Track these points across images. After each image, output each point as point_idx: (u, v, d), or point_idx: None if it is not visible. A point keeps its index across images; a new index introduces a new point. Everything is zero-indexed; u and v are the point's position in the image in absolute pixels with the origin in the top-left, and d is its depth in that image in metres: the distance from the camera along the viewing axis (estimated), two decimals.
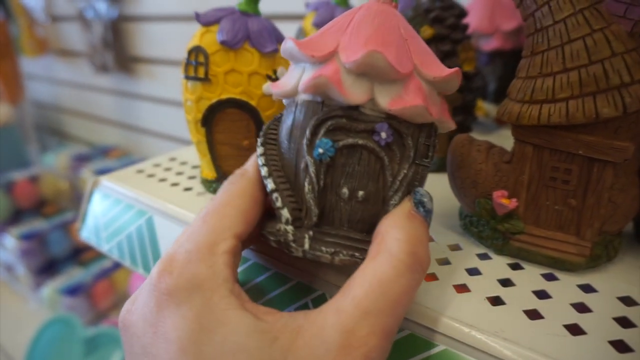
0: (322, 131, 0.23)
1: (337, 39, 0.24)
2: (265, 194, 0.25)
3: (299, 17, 0.88)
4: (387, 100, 0.23)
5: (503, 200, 0.27)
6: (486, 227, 0.28)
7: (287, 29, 0.43)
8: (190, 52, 0.35)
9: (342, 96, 0.22)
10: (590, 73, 0.22)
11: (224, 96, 0.35)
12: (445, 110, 0.26)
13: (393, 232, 0.20)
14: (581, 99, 0.23)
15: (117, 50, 1.28)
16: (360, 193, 0.23)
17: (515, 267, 0.27)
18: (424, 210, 0.22)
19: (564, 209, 0.26)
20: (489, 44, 0.55)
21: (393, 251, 0.19)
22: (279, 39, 0.36)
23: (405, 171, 0.23)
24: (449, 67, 0.38)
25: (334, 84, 0.22)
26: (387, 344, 0.18)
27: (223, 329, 0.18)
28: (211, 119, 0.36)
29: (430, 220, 0.23)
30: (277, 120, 0.28)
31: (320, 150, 0.23)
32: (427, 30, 0.37)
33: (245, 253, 0.32)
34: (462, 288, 0.25)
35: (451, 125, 0.25)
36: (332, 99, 0.23)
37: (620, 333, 0.21)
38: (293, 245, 0.23)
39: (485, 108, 0.53)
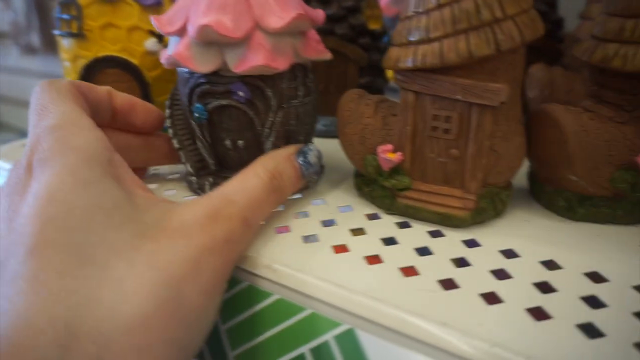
0: (195, 97, 0.26)
1: (188, 8, 0.26)
2: None
3: None
4: (233, 63, 0.25)
5: (388, 155, 0.25)
6: (375, 186, 0.26)
7: None
8: (62, 5, 0.32)
9: (194, 69, 0.25)
10: (463, 8, 0.21)
11: (102, 54, 0.32)
12: (311, 46, 0.28)
13: (265, 161, 0.23)
14: (454, 37, 0.21)
15: (43, 29, 1.20)
16: (240, 142, 0.27)
17: (403, 225, 0.25)
18: (304, 161, 0.25)
19: (447, 160, 0.24)
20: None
21: (258, 173, 0.22)
22: None
23: (271, 119, 0.27)
24: (352, 24, 0.36)
25: (183, 61, 0.25)
26: (248, 235, 0.21)
27: (100, 187, 0.18)
28: (90, 80, 0.32)
29: (307, 172, 0.25)
30: None
31: (197, 115, 0.27)
32: None
33: None
34: (341, 248, 0.23)
35: (325, 56, 0.29)
36: None
37: (495, 285, 0.20)
38: (198, 191, 0.28)
39: None
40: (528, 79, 0.34)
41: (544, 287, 0.20)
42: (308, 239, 0.24)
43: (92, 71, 0.32)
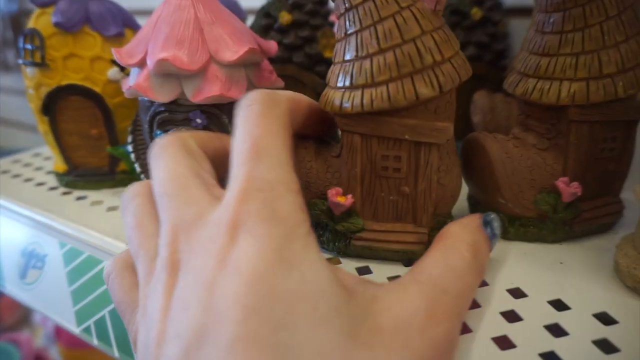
0: (155, 125, 0.28)
1: (147, 41, 0.28)
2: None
3: None
4: (190, 93, 0.27)
5: (338, 198, 0.24)
6: (325, 230, 0.26)
7: None
8: (24, 35, 0.33)
9: (153, 99, 0.27)
10: (405, 53, 0.22)
11: (65, 82, 0.33)
12: (264, 76, 0.30)
13: (461, 235, 0.21)
14: (400, 80, 0.22)
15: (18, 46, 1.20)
16: None
17: (363, 271, 0.25)
18: (491, 232, 0.22)
19: (398, 198, 0.24)
20: None
21: (461, 250, 0.20)
22: (127, 22, 0.35)
23: None
24: (308, 53, 0.38)
25: (143, 91, 0.27)
26: (459, 332, 0.18)
27: (304, 266, 0.15)
28: (53, 108, 0.34)
29: (493, 244, 0.22)
30: None
31: None
32: (286, 16, 0.37)
33: (79, 246, 0.30)
34: None
35: (277, 85, 0.31)
36: None
37: None
38: None
39: None
40: (472, 104, 0.36)
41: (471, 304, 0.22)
42: None
43: (55, 99, 0.33)
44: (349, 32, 0.23)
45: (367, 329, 0.15)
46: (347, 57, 0.23)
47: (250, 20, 0.42)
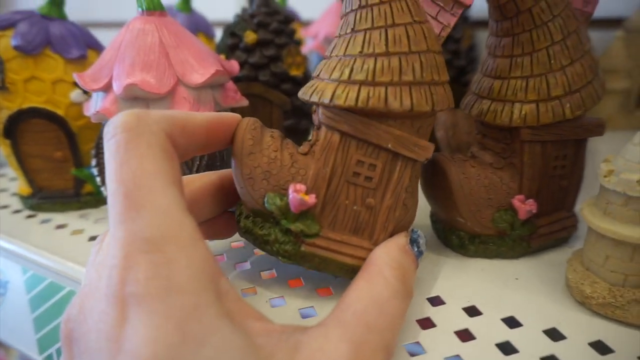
0: None
1: (112, 66, 0.28)
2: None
3: None
4: None
5: (302, 195, 0.22)
6: (275, 229, 0.24)
7: None
8: None
9: None
10: (410, 62, 0.21)
11: (26, 105, 0.32)
12: (229, 96, 0.31)
13: (386, 260, 0.21)
14: (400, 87, 0.21)
15: None
16: None
17: None
18: (417, 250, 0.23)
19: (362, 209, 0.23)
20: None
21: (386, 276, 0.20)
22: (91, 44, 0.35)
23: (198, 162, 0.29)
24: (274, 72, 0.38)
25: (110, 116, 0.26)
26: None
27: (215, 340, 0.14)
28: (14, 131, 0.33)
29: (420, 260, 0.23)
30: None
31: None
32: (251, 35, 0.37)
33: (42, 272, 0.29)
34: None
35: (242, 103, 0.32)
36: None
37: None
38: None
39: None
40: (436, 120, 0.37)
41: (425, 324, 0.22)
42: None
43: (16, 122, 0.33)
44: (356, 29, 0.22)
45: None
46: (349, 52, 0.22)
47: (219, 35, 0.42)
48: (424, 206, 0.30)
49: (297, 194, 0.22)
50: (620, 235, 0.21)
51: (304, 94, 0.23)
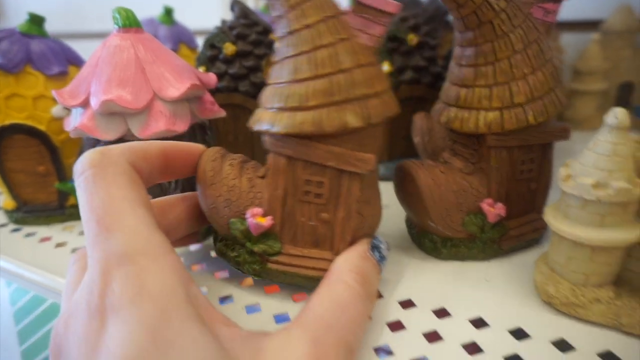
0: None
1: (89, 82, 0.28)
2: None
3: None
4: (137, 129, 0.28)
5: (258, 219, 0.24)
6: (242, 251, 0.25)
7: None
8: None
9: (100, 138, 0.27)
10: (337, 82, 0.22)
11: (8, 122, 0.33)
12: (206, 108, 0.31)
13: (346, 266, 0.22)
14: (331, 107, 0.22)
15: None
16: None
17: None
18: (379, 255, 0.24)
19: (318, 224, 0.24)
20: None
21: (346, 280, 0.21)
22: (72, 60, 0.35)
23: (173, 185, 0.30)
24: (254, 82, 0.39)
25: (88, 131, 0.27)
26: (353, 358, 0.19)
27: (183, 343, 0.15)
28: None
29: (383, 265, 0.24)
30: None
31: None
32: (230, 47, 0.38)
33: (26, 285, 0.30)
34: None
35: (219, 115, 0.32)
36: None
37: None
38: None
39: None
40: (412, 126, 0.38)
41: (395, 326, 0.23)
42: None
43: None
44: (285, 56, 0.23)
45: None
46: (282, 80, 0.23)
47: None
48: (399, 212, 0.31)
49: (254, 219, 0.24)
50: (579, 237, 0.22)
51: (252, 123, 0.24)
